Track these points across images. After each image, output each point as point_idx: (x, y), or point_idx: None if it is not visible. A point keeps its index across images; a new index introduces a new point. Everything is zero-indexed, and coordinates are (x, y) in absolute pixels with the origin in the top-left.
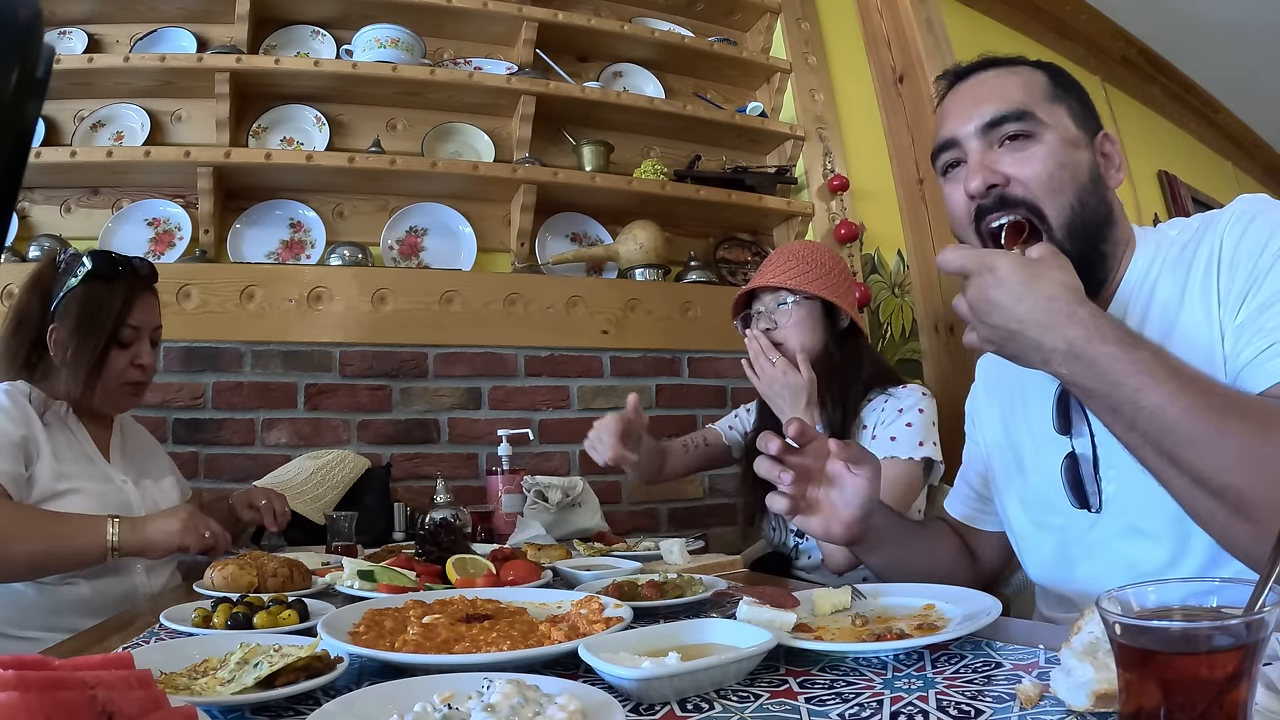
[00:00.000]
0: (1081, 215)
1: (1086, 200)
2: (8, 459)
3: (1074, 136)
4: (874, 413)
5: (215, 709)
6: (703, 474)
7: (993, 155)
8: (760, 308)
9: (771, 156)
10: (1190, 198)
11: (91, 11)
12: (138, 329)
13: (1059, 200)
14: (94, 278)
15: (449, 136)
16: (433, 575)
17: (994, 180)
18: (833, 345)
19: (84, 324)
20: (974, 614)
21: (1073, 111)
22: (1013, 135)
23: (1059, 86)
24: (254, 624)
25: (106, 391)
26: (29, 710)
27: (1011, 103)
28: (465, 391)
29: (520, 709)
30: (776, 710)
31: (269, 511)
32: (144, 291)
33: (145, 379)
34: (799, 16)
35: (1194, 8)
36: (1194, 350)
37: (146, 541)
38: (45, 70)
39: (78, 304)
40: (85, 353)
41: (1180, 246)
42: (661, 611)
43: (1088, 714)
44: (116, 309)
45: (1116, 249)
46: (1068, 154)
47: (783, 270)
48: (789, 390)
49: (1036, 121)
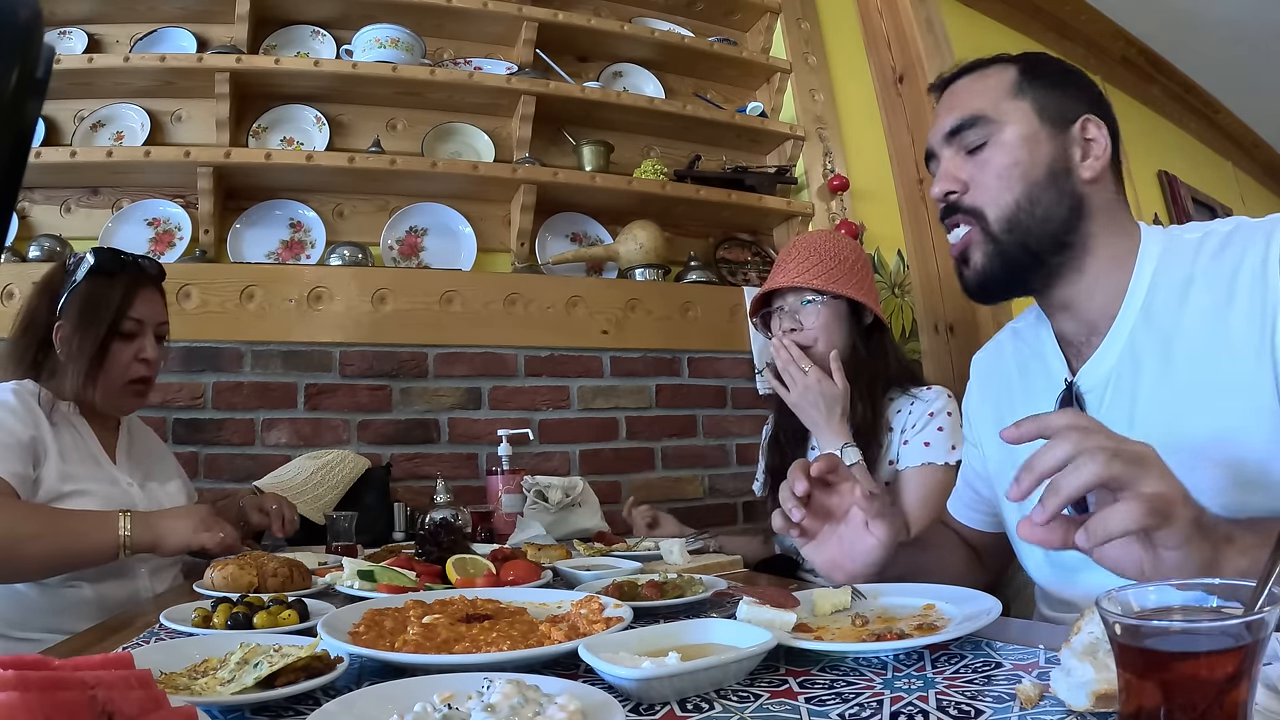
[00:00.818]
0: (1029, 209)
1: (1039, 195)
2: (16, 460)
3: (1033, 131)
4: (901, 415)
5: (215, 709)
6: (703, 474)
7: (957, 162)
8: (783, 306)
9: (771, 156)
10: (1190, 198)
11: (91, 11)
12: (141, 322)
13: (1003, 197)
14: (97, 273)
15: (449, 136)
16: (433, 575)
17: (951, 187)
18: (860, 343)
19: (85, 316)
20: (974, 614)
21: (1039, 103)
22: (972, 141)
23: (1028, 78)
24: (254, 624)
25: (110, 388)
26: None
27: (968, 110)
28: (465, 391)
29: (520, 709)
30: (776, 710)
31: (278, 517)
32: (147, 286)
33: (150, 375)
34: (799, 16)
35: (1194, 8)
36: (1241, 355)
37: (158, 537)
38: (45, 70)
39: (80, 298)
40: (87, 344)
41: (1216, 251)
42: (661, 611)
43: (1088, 714)
44: (117, 301)
45: (1089, 241)
46: (1023, 150)
47: (807, 267)
48: (823, 400)
49: (990, 124)
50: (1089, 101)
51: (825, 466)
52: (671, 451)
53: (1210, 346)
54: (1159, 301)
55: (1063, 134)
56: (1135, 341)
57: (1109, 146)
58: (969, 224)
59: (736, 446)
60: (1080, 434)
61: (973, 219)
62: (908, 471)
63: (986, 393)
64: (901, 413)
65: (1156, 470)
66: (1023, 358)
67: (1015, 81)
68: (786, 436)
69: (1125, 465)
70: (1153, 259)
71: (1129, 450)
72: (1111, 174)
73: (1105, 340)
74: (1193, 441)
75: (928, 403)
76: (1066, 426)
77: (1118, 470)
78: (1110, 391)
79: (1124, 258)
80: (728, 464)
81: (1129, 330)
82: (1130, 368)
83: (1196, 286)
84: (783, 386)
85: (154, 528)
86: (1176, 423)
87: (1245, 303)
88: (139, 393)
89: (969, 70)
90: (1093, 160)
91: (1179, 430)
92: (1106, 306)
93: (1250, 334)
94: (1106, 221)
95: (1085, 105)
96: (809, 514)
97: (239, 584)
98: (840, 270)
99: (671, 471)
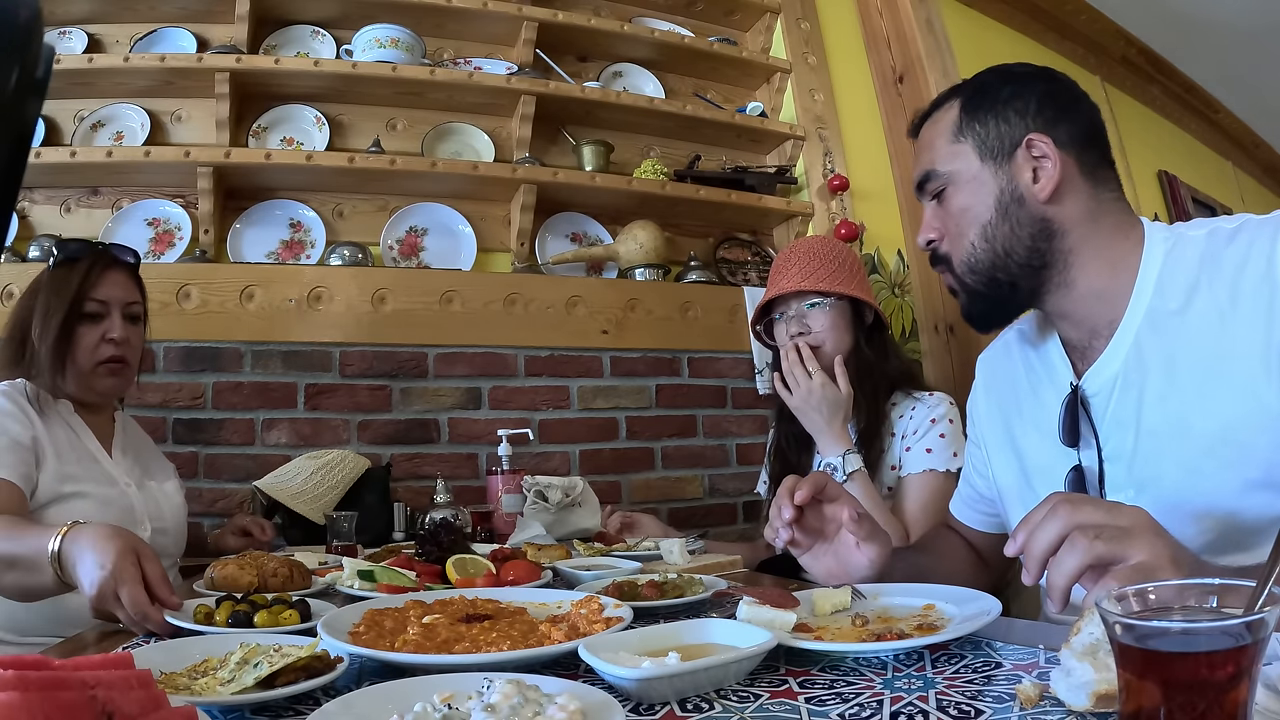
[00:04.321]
0: (986, 248)
1: (993, 232)
2: (20, 463)
3: (976, 172)
4: (904, 420)
5: (215, 709)
6: (703, 474)
7: (932, 210)
8: (788, 311)
9: (771, 156)
10: (1190, 198)
11: (91, 11)
12: (105, 303)
13: (959, 244)
14: (60, 262)
15: (449, 136)
16: (433, 575)
17: (930, 236)
18: (863, 343)
19: (46, 304)
20: (974, 614)
21: (979, 140)
22: (933, 190)
23: (968, 114)
24: (255, 623)
25: (80, 373)
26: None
27: (921, 165)
28: (465, 391)
29: (520, 709)
30: (776, 710)
31: (256, 526)
32: (111, 268)
33: (121, 354)
34: (799, 16)
35: (1194, 8)
36: (1246, 356)
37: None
38: (45, 70)
39: (45, 289)
40: (50, 330)
41: (1221, 249)
42: (661, 611)
43: (1088, 714)
44: (76, 283)
45: (1069, 256)
46: (970, 195)
47: (809, 271)
48: (826, 405)
49: (939, 176)
50: (1036, 113)
51: (812, 490)
52: (671, 451)
53: (1216, 348)
54: (1164, 304)
55: (1007, 164)
56: (1141, 344)
57: (1059, 159)
58: (945, 270)
59: (736, 446)
60: (1069, 508)
61: (946, 265)
62: (910, 478)
63: (992, 394)
64: (904, 417)
65: (1145, 539)
66: (1029, 360)
67: (956, 123)
68: (789, 442)
69: (1109, 543)
70: (1157, 260)
71: (1114, 525)
72: (1086, 179)
73: (1110, 344)
74: (1199, 443)
75: (930, 408)
76: (1055, 504)
77: (1101, 550)
78: (1116, 394)
79: (1122, 260)
80: (728, 464)
81: (1134, 333)
82: (1136, 370)
83: (1201, 288)
84: (786, 389)
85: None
86: (1182, 425)
87: (1250, 303)
88: (113, 372)
89: (929, 114)
90: (1044, 180)
91: (1185, 432)
92: (1108, 311)
93: (1255, 335)
94: (1089, 231)
95: (1030, 121)
96: (802, 531)
97: (239, 584)
98: (842, 272)
99: (671, 471)
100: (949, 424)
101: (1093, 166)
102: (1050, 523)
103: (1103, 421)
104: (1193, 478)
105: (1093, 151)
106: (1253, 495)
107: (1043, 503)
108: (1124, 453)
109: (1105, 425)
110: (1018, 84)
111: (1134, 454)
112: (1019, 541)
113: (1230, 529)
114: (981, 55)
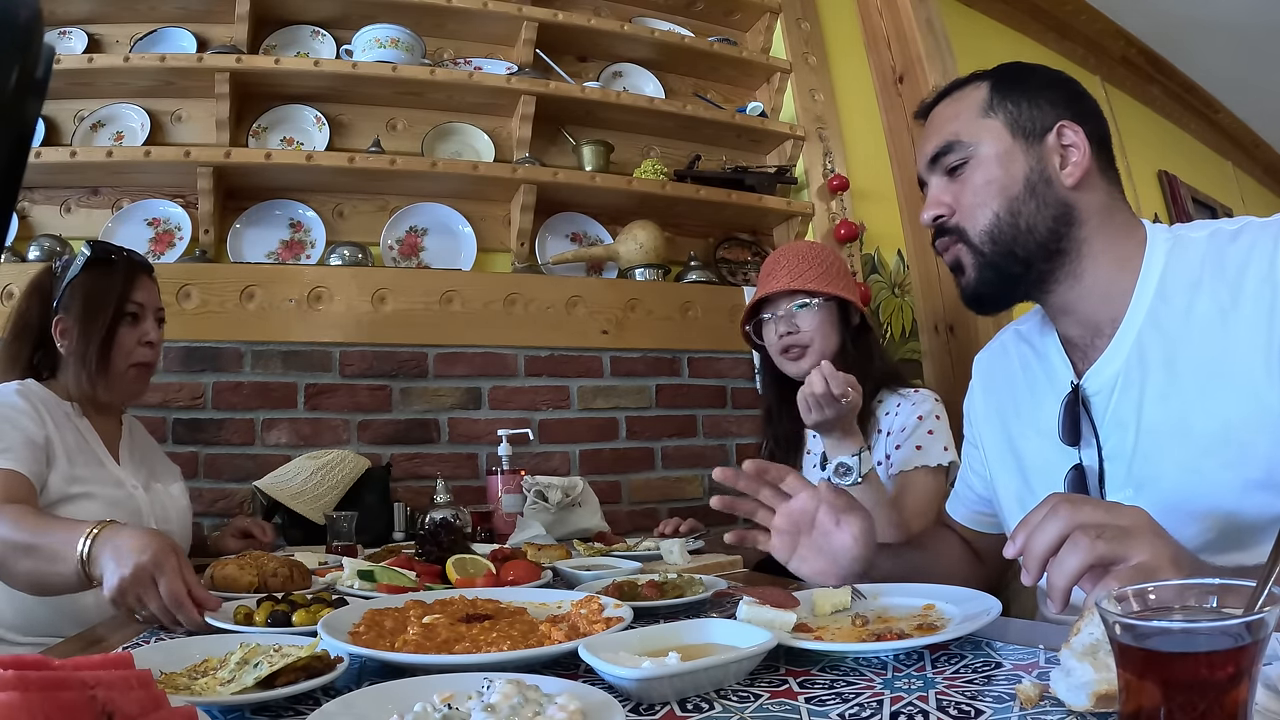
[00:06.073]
0: (1010, 221)
1: (1019, 207)
2: (32, 460)
3: (1007, 147)
4: (889, 417)
5: (215, 709)
6: (703, 474)
7: (942, 186)
8: (776, 312)
9: (771, 156)
10: (1190, 198)
11: (91, 11)
12: (142, 306)
13: (982, 213)
14: (95, 264)
15: (449, 136)
16: (433, 575)
17: (938, 211)
18: (850, 344)
19: (91, 305)
20: (974, 614)
21: (1011, 119)
22: (951, 164)
23: (998, 94)
24: (294, 622)
25: (115, 373)
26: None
27: (944, 136)
28: (465, 391)
29: (520, 709)
30: (776, 710)
31: (257, 528)
32: (143, 274)
33: (153, 359)
34: (799, 16)
35: (1194, 8)
36: (1247, 357)
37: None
38: (45, 70)
39: (83, 290)
40: (94, 331)
41: (1222, 251)
42: (661, 611)
43: (1088, 714)
44: (119, 286)
45: (1083, 246)
46: (998, 167)
47: (798, 272)
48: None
49: (964, 147)
50: (1065, 105)
51: (754, 468)
52: (671, 451)
53: (1217, 349)
54: (1166, 304)
55: (1038, 145)
56: (1142, 344)
57: (1088, 149)
58: (955, 242)
59: (736, 446)
60: (1070, 507)
61: (957, 237)
62: (901, 475)
63: (989, 394)
64: (889, 414)
65: (1145, 539)
66: (1026, 360)
67: (986, 99)
68: (779, 443)
69: (1110, 543)
70: (1159, 260)
71: (1115, 525)
72: (1102, 176)
73: (1112, 343)
74: (1200, 443)
75: (916, 405)
76: (1055, 504)
77: (1102, 550)
78: (1117, 394)
79: (1127, 260)
80: (727, 464)
81: (1135, 333)
82: (1137, 370)
83: (1203, 288)
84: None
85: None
86: (1183, 425)
87: (1252, 304)
88: (141, 377)
89: (946, 94)
90: (1072, 166)
91: (1185, 432)
92: (1110, 309)
93: (1257, 336)
94: (1102, 224)
95: (1061, 111)
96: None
97: (238, 584)
98: (830, 274)
99: (671, 471)
100: (936, 419)
101: (1105, 168)
102: (1050, 523)
103: (1103, 421)
104: (1193, 478)
105: (1106, 154)
106: (1253, 495)
107: (1042, 503)
108: (1124, 452)
109: (1105, 424)
110: (1049, 76)
111: (1134, 453)
112: (1019, 542)
113: (1230, 529)
114: (981, 55)
